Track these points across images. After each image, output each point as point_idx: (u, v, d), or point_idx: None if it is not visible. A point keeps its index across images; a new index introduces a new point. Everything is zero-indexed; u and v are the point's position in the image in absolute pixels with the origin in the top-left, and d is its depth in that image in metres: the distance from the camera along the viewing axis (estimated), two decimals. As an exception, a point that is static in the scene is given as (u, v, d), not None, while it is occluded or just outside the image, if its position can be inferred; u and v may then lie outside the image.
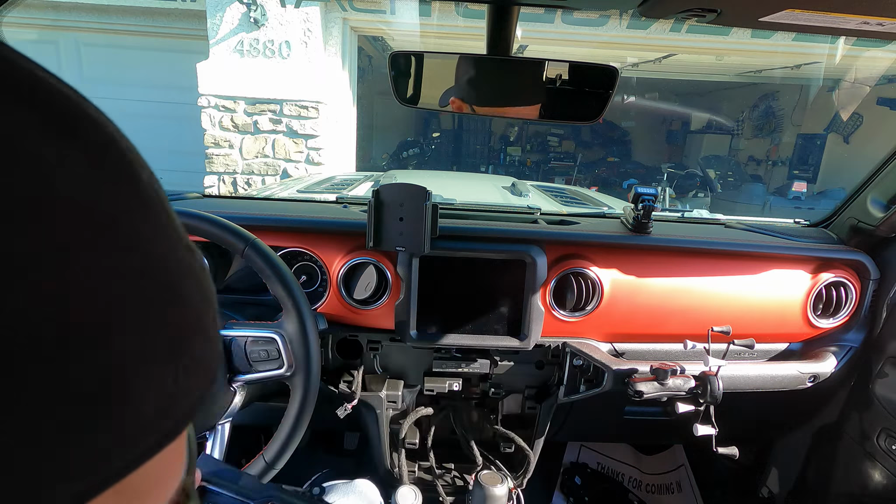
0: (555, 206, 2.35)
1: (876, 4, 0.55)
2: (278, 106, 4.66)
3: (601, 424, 1.37)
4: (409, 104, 0.86)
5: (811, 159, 7.81)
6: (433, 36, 5.28)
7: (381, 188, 0.96)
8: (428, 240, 0.96)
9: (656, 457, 1.75)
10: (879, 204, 1.13)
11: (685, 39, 5.00)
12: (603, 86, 0.78)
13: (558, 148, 9.68)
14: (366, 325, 1.10)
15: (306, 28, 4.53)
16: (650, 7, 0.64)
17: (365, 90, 7.12)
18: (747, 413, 1.26)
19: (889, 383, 1.14)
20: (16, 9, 0.80)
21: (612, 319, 1.10)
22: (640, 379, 0.98)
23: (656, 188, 1.14)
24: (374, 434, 1.19)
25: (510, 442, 1.21)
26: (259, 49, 4.57)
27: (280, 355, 0.83)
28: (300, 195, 2.21)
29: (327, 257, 1.05)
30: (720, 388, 0.95)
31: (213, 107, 4.69)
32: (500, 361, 1.16)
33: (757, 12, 0.61)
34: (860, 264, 1.13)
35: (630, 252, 1.10)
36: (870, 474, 1.18)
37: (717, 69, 6.68)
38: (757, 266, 1.12)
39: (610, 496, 1.60)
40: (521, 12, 0.77)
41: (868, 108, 6.63)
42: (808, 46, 5.09)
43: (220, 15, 4.49)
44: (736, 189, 8.11)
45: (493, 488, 1.01)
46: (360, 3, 4.66)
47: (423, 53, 0.82)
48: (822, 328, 1.16)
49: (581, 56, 5.47)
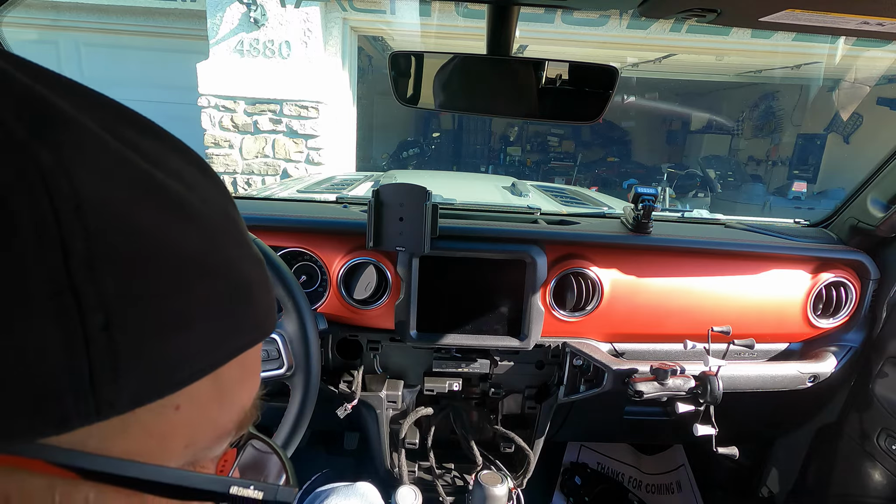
0: (555, 206, 2.35)
1: (876, 4, 0.55)
2: (278, 106, 4.66)
3: (601, 424, 1.37)
4: (409, 104, 0.86)
5: (811, 159, 7.81)
6: (433, 36, 5.29)
7: (381, 188, 0.96)
8: (428, 240, 0.96)
9: (656, 457, 1.75)
10: (879, 204, 1.13)
11: (685, 39, 5.00)
12: (603, 86, 0.78)
13: (558, 148, 9.68)
14: (366, 325, 1.10)
15: (306, 28, 4.53)
16: (650, 7, 0.64)
17: (365, 90, 7.13)
18: (747, 413, 1.26)
19: (889, 383, 1.14)
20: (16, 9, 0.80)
21: (612, 319, 1.10)
22: (640, 379, 0.98)
23: (656, 188, 1.14)
24: (374, 434, 1.19)
25: (510, 442, 1.21)
26: (259, 49, 4.57)
27: (280, 355, 0.83)
28: (300, 195, 2.21)
29: (327, 257, 1.05)
30: (720, 388, 0.95)
31: (213, 107, 4.69)
32: (500, 361, 1.16)
33: (757, 12, 0.61)
34: (860, 264, 1.13)
35: (630, 252, 1.10)
36: (870, 474, 1.18)
37: (717, 69, 6.68)
38: (757, 266, 1.12)
39: (610, 496, 1.60)
40: (521, 12, 0.77)
41: (868, 108, 6.63)
42: (808, 46, 5.09)
43: (220, 15, 4.49)
44: (736, 189, 8.11)
45: (493, 488, 1.01)
46: (360, 3, 4.66)
47: (423, 53, 0.82)
48: (822, 328, 1.16)
49: (581, 56, 5.47)
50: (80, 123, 0.18)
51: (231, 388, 0.23)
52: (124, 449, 0.18)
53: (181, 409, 0.20)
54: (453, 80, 0.83)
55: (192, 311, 0.19)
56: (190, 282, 0.19)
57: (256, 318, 0.23)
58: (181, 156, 0.22)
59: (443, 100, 0.85)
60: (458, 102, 0.87)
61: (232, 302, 0.21)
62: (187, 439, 0.21)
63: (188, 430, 0.21)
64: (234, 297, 0.21)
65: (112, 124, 0.19)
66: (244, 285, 0.22)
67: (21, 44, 5.26)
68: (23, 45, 5.55)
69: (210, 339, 0.20)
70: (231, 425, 0.23)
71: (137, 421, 0.18)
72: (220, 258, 0.21)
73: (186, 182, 0.20)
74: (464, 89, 0.84)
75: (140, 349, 0.17)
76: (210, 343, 0.20)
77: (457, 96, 0.85)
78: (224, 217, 0.22)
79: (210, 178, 0.23)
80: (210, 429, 0.22)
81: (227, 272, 0.21)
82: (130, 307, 0.17)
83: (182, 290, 0.19)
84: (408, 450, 1.23)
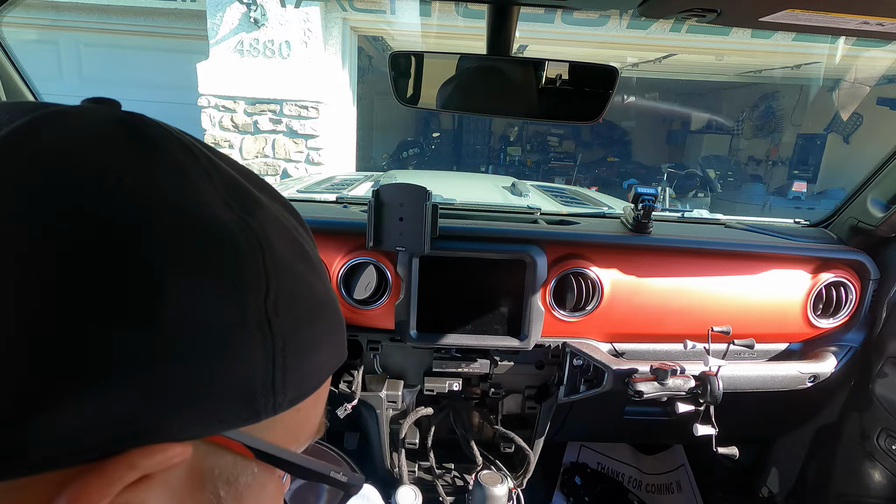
0: (555, 206, 2.35)
1: (876, 4, 0.55)
2: (278, 106, 4.66)
3: (601, 424, 1.37)
4: (409, 104, 0.86)
5: (811, 159, 7.80)
6: (433, 36, 5.28)
7: (381, 188, 0.96)
8: (428, 240, 0.96)
9: (656, 457, 1.75)
10: (879, 204, 1.13)
11: (685, 39, 5.00)
12: (603, 86, 0.78)
13: (558, 148, 9.67)
14: (366, 325, 1.10)
15: (306, 28, 4.53)
16: (650, 7, 0.64)
17: (365, 90, 7.12)
18: (747, 413, 1.26)
19: (889, 383, 1.14)
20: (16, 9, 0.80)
21: (612, 319, 1.10)
22: (640, 379, 0.98)
23: (656, 188, 1.14)
24: (374, 434, 1.19)
25: (510, 442, 1.21)
26: (259, 49, 4.57)
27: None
28: (300, 195, 2.21)
29: (327, 257, 1.05)
30: (720, 388, 0.95)
31: (213, 107, 4.69)
32: (500, 361, 1.16)
33: (757, 12, 0.61)
34: (860, 264, 1.13)
35: (630, 252, 1.10)
36: (870, 474, 1.19)
37: (717, 69, 6.68)
38: (757, 266, 1.12)
39: (610, 496, 1.60)
40: (521, 12, 0.77)
41: (868, 108, 6.62)
42: (808, 46, 5.09)
43: (220, 15, 4.48)
44: (736, 189, 8.10)
45: (493, 488, 1.01)
46: (360, 3, 4.65)
47: (423, 53, 0.82)
48: (822, 328, 1.16)
49: (581, 56, 5.46)
50: (263, 202, 0.25)
51: (322, 396, 0.29)
52: (273, 438, 0.25)
53: (301, 410, 0.26)
54: (453, 80, 0.83)
55: (321, 337, 0.26)
56: (318, 315, 0.26)
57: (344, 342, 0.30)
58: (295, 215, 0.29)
59: (443, 100, 0.85)
60: (458, 102, 0.87)
61: (336, 329, 0.28)
62: (301, 433, 0.27)
63: (302, 426, 0.27)
64: (337, 326, 0.28)
65: (270, 197, 0.27)
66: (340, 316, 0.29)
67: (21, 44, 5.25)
68: (23, 45, 5.55)
69: (327, 357, 0.27)
70: (319, 424, 0.30)
71: (282, 418, 0.24)
72: (330, 296, 0.28)
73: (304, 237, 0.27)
74: (464, 89, 0.84)
75: (298, 364, 0.24)
76: (327, 360, 0.27)
77: (457, 96, 0.85)
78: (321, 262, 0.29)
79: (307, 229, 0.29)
80: (311, 426, 0.29)
81: (335, 307, 0.28)
82: (294, 333, 0.24)
83: (318, 322, 0.26)
84: (408, 450, 1.23)
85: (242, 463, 0.24)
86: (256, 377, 0.22)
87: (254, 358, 0.22)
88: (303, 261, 0.26)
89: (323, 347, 0.26)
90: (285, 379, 0.23)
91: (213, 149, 0.26)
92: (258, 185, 0.27)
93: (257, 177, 0.28)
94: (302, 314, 0.24)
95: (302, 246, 0.26)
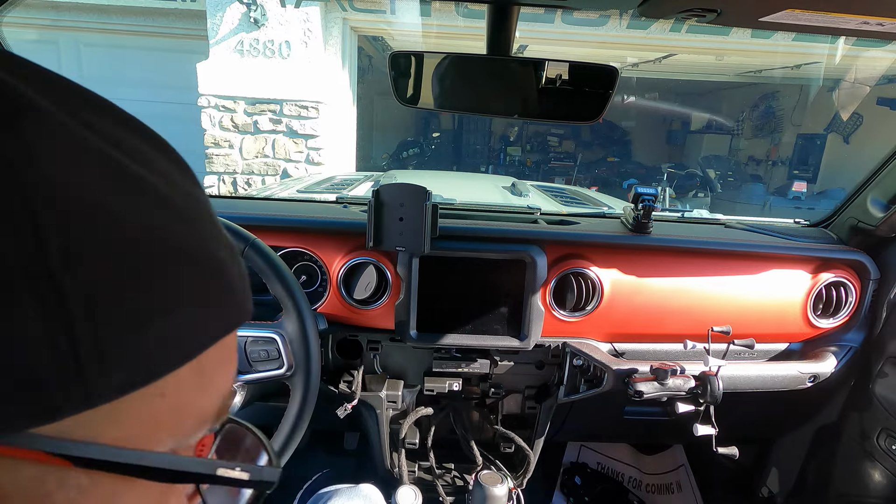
0: (555, 206, 2.35)
1: (876, 4, 0.55)
2: (278, 106, 4.66)
3: (601, 424, 1.37)
4: (409, 104, 0.86)
5: (811, 159, 7.81)
6: (433, 36, 5.28)
7: (381, 188, 0.96)
8: (428, 240, 0.96)
9: (656, 457, 1.75)
10: (879, 204, 1.13)
11: (685, 39, 5.00)
12: (603, 86, 0.78)
13: (558, 148, 9.67)
14: (366, 325, 1.10)
15: (306, 28, 4.53)
16: (650, 7, 0.64)
17: (365, 90, 7.13)
18: (747, 413, 1.26)
19: (889, 383, 1.14)
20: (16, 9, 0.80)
21: (612, 319, 1.10)
22: (640, 379, 0.98)
23: (656, 188, 1.14)
24: (374, 434, 1.19)
25: (510, 442, 1.21)
26: (259, 49, 4.57)
27: (280, 355, 0.83)
28: (300, 195, 2.21)
29: (327, 257, 1.05)
30: (720, 388, 0.95)
31: (213, 107, 4.69)
32: (500, 361, 1.16)
33: (757, 12, 0.61)
34: (860, 264, 1.13)
35: (630, 252, 1.10)
36: (870, 474, 1.18)
37: (717, 69, 6.68)
38: (757, 266, 1.12)
39: (610, 496, 1.60)
40: (521, 12, 0.77)
41: (868, 108, 6.62)
42: (808, 46, 5.09)
43: (220, 15, 4.49)
44: (736, 189, 8.11)
45: (493, 488, 1.01)
46: (360, 3, 4.66)
47: (423, 53, 0.82)
48: (822, 328, 1.16)
49: (581, 56, 5.47)
50: (46, 110, 0.17)
51: (212, 374, 0.23)
52: (114, 436, 0.19)
53: (166, 396, 0.20)
54: (453, 80, 0.83)
55: (171, 297, 0.19)
56: (166, 267, 0.19)
57: (234, 302, 0.23)
58: (148, 142, 0.22)
59: (443, 100, 0.85)
60: (458, 102, 0.87)
61: (209, 286, 0.21)
62: (173, 425, 0.21)
63: (173, 416, 0.21)
64: (210, 282, 0.21)
65: (77, 110, 0.19)
66: (219, 269, 0.22)
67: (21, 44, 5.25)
68: (23, 45, 5.55)
69: (191, 324, 0.20)
70: (212, 410, 0.24)
71: (125, 408, 0.19)
72: (192, 242, 0.21)
73: (154, 167, 0.20)
74: (464, 89, 0.84)
75: (125, 337, 0.18)
76: (191, 328, 0.20)
77: (457, 96, 0.85)
78: (191, 200, 0.22)
79: (175, 162, 0.23)
80: (194, 414, 0.22)
81: (201, 257, 0.21)
82: (112, 295, 0.17)
83: (161, 277, 0.19)
84: (408, 450, 1.23)
85: (56, 475, 0.18)
86: (37, 356, 0.16)
87: (27, 329, 0.15)
88: (134, 195, 0.19)
89: (180, 308, 0.20)
90: (103, 356, 0.17)
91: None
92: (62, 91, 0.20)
93: (75, 85, 0.21)
94: (130, 266, 0.18)
95: (136, 175, 0.19)
